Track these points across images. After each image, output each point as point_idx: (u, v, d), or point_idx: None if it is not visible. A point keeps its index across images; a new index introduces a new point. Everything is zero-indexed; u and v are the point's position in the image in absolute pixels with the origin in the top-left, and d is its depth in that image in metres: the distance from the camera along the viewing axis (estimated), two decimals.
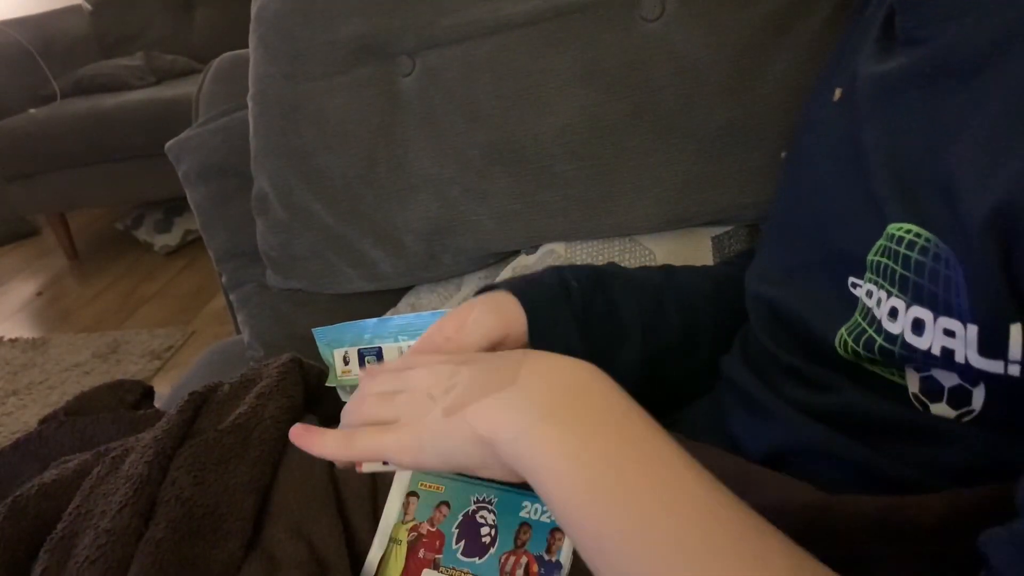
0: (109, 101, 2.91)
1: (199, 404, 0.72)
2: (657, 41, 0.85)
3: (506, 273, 0.96)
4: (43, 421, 0.92)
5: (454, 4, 0.93)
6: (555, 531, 0.57)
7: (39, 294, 2.98)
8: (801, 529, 0.38)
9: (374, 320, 0.78)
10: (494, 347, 0.60)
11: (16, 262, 3.27)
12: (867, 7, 0.62)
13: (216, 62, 1.24)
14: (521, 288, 0.65)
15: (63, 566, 0.58)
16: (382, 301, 1.05)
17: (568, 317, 0.65)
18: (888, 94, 0.50)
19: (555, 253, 0.90)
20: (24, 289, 3.03)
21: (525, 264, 0.92)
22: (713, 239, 0.86)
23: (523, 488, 0.57)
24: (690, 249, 0.85)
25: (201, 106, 1.21)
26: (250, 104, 1.06)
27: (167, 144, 1.17)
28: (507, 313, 0.63)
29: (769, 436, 0.55)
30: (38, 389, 2.25)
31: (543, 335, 0.63)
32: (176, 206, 3.15)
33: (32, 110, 2.94)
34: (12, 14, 3.35)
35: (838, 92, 0.57)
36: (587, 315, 0.66)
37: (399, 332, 0.76)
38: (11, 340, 2.60)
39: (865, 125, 0.51)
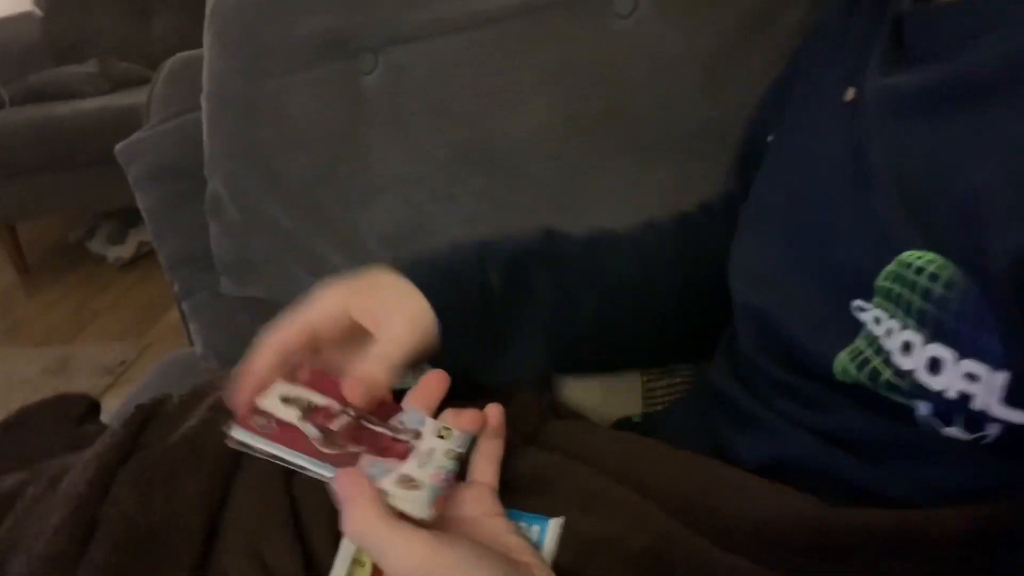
0: (61, 109, 2.83)
1: (146, 418, 0.67)
2: (631, 38, 0.82)
3: None
4: None
5: None
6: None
7: None
8: (806, 543, 0.35)
9: None
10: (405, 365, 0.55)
11: None
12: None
13: (169, 63, 1.19)
14: (437, 297, 0.56)
15: None
16: None
17: (476, 331, 0.59)
18: (897, 111, 0.47)
19: None
20: None
21: None
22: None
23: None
24: None
25: (153, 108, 1.16)
26: (204, 103, 1.01)
27: (117, 147, 1.12)
28: (425, 332, 0.55)
29: (761, 448, 0.52)
30: None
31: (447, 354, 0.57)
32: (130, 217, 3.05)
33: None
34: None
35: (851, 92, 0.53)
36: (501, 318, 0.61)
37: None
38: None
39: (871, 140, 0.48)
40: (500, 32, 0.86)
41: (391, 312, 0.54)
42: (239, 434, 0.47)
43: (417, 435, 0.50)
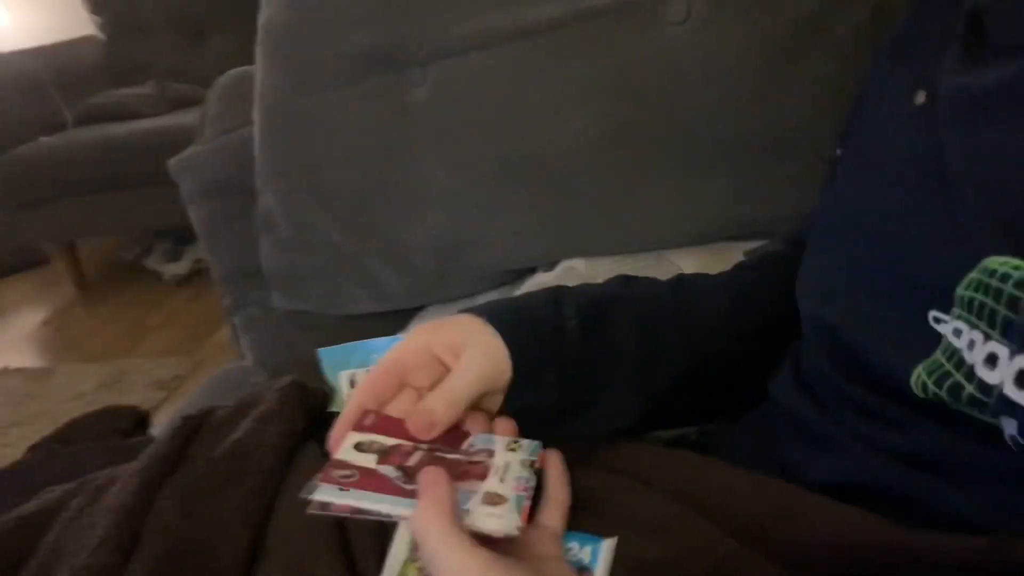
0: (119, 129, 2.89)
1: (192, 430, 0.67)
2: (684, 46, 0.80)
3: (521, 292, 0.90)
4: (31, 449, 0.87)
5: (469, 11, 0.89)
6: (582, 571, 0.51)
7: (46, 323, 2.94)
8: (884, 568, 0.32)
9: (385, 339, 0.72)
10: (472, 397, 0.54)
11: (24, 291, 3.23)
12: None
13: (222, 79, 1.20)
14: (511, 333, 0.55)
15: None
16: (392, 323, 1.00)
17: (554, 373, 0.57)
18: (980, 110, 0.44)
19: (575, 270, 0.85)
20: (31, 318, 2.99)
21: (541, 282, 0.87)
22: (745, 254, 0.80)
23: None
24: (721, 265, 0.79)
25: (206, 124, 1.17)
26: (256, 118, 1.02)
27: (170, 162, 1.13)
28: (497, 364, 0.54)
29: (831, 468, 0.49)
30: (41, 420, 2.20)
31: (522, 393, 0.55)
32: (186, 235, 3.10)
33: (42, 138, 2.93)
34: (27, 44, 3.36)
35: (922, 96, 0.50)
36: (579, 363, 0.58)
37: None
38: (16, 369, 2.56)
39: (950, 142, 0.45)
40: (549, 43, 0.85)
41: (467, 345, 0.54)
42: (321, 494, 0.46)
43: (490, 454, 0.50)
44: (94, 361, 2.57)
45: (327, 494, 0.45)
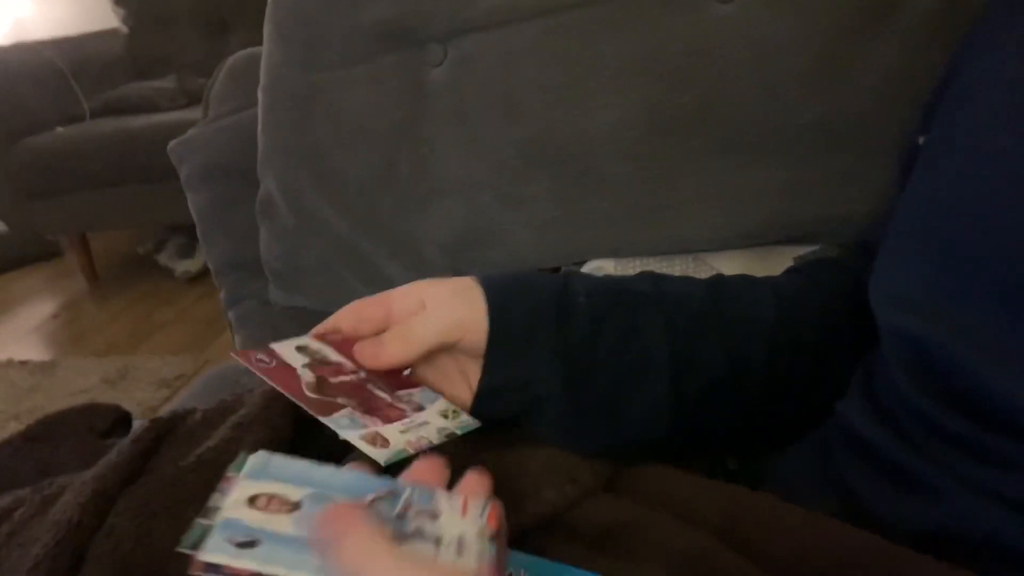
0: (137, 122, 2.85)
1: (161, 434, 0.59)
2: (732, 25, 0.72)
3: None
4: None
5: None
6: None
7: (55, 316, 2.89)
8: None
9: None
10: (438, 350, 0.50)
11: (36, 283, 3.19)
12: None
13: (231, 59, 1.13)
14: (496, 287, 0.50)
15: None
16: None
17: (550, 352, 0.49)
18: None
19: (603, 271, 0.76)
20: (41, 310, 2.94)
21: None
22: (796, 260, 0.71)
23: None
24: (766, 270, 0.71)
25: (211, 104, 1.10)
26: (260, 97, 0.94)
27: (170, 144, 1.06)
28: (468, 312, 0.49)
29: (921, 513, 0.41)
30: (40, 413, 2.14)
31: (502, 365, 0.49)
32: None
33: (59, 128, 2.88)
34: (50, 34, 3.33)
35: None
36: (589, 350, 0.50)
37: None
38: (21, 362, 2.50)
39: None
40: (580, 18, 0.76)
41: (441, 298, 0.50)
42: (212, 551, 0.36)
43: (419, 408, 0.48)
44: (100, 356, 2.51)
45: (218, 551, 0.35)
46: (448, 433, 0.47)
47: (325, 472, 0.40)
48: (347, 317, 0.51)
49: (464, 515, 0.40)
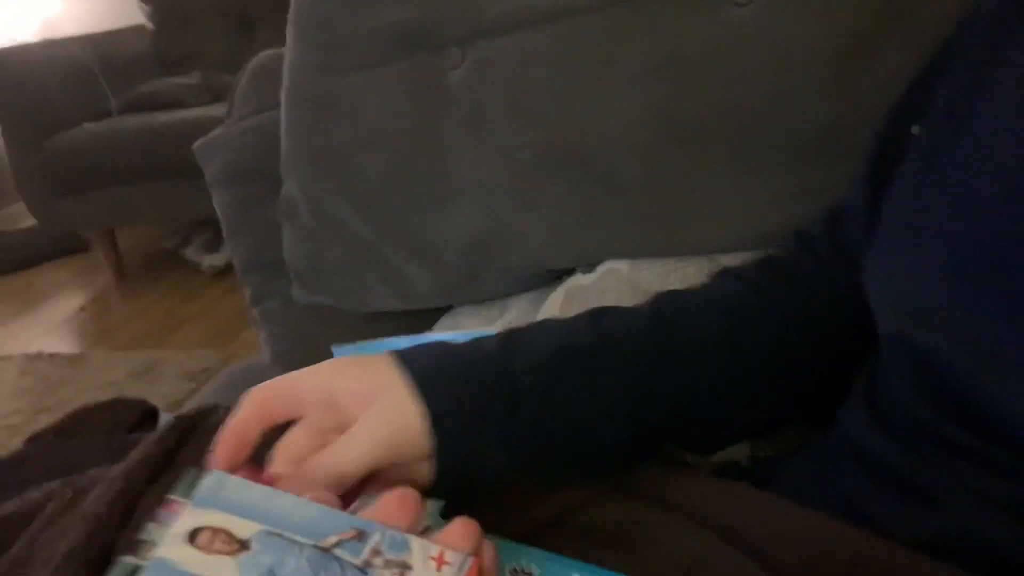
0: (163, 118, 2.88)
1: (186, 431, 0.60)
2: (748, 28, 0.72)
3: (557, 296, 0.83)
4: (30, 440, 0.82)
5: None
6: None
7: (82, 309, 2.94)
8: None
9: (404, 338, 0.66)
10: (364, 471, 0.42)
11: (64, 277, 3.24)
12: None
13: (255, 60, 1.15)
14: (434, 388, 0.44)
15: None
16: (417, 323, 0.94)
17: (498, 441, 0.45)
18: None
19: (617, 272, 0.77)
20: (69, 304, 3.00)
21: (580, 285, 0.80)
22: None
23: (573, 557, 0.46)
24: None
25: (235, 104, 1.12)
26: (283, 98, 0.96)
27: (195, 144, 1.08)
28: (403, 430, 0.43)
29: (927, 525, 0.41)
30: (69, 406, 2.17)
31: (455, 466, 0.44)
32: None
33: (87, 125, 2.93)
34: (77, 31, 3.37)
35: None
36: (537, 430, 0.46)
37: None
38: (50, 355, 2.55)
39: None
40: (597, 22, 0.77)
41: (370, 406, 0.43)
42: None
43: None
44: (127, 349, 2.55)
45: None
46: (427, 526, 0.39)
47: (286, 503, 0.35)
48: (256, 414, 0.45)
49: (439, 570, 0.35)
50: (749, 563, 0.42)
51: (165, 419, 0.82)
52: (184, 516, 0.34)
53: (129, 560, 0.33)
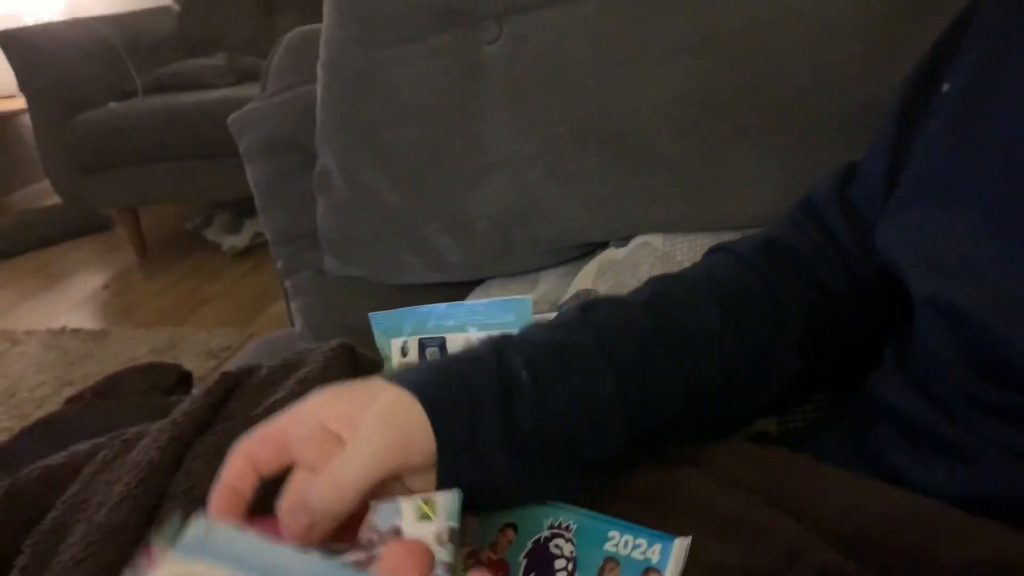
0: (187, 98, 2.90)
1: (230, 387, 0.62)
2: (786, 3, 0.73)
3: (590, 270, 0.84)
4: (69, 401, 0.84)
5: None
6: (649, 571, 0.45)
7: (105, 287, 2.97)
8: None
9: (442, 305, 0.67)
10: (370, 483, 0.40)
11: (87, 255, 3.27)
12: None
13: (288, 36, 1.16)
14: (431, 390, 0.42)
15: (46, 564, 0.48)
16: (449, 297, 0.94)
17: (499, 442, 0.43)
18: None
19: (650, 246, 0.78)
20: (92, 281, 3.02)
21: (613, 259, 0.80)
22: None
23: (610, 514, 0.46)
24: None
25: (270, 79, 1.13)
26: (319, 72, 0.97)
27: (230, 117, 1.09)
28: (406, 433, 0.41)
29: (961, 481, 0.41)
30: (93, 380, 2.20)
31: (459, 470, 0.42)
32: (246, 208, 3.11)
33: (112, 104, 2.95)
34: (103, 11, 3.40)
35: None
36: (540, 428, 0.44)
37: (469, 320, 0.65)
38: (73, 330, 2.58)
39: None
40: None
41: (367, 420, 0.40)
42: None
43: (397, 533, 0.36)
44: (149, 327, 2.58)
45: None
46: (449, 533, 0.38)
47: (280, 554, 0.30)
48: (245, 466, 0.41)
49: (427, 519, 0.35)
50: (788, 519, 0.42)
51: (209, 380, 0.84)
52: (165, 566, 0.29)
53: None
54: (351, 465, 0.39)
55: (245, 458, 0.41)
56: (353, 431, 0.40)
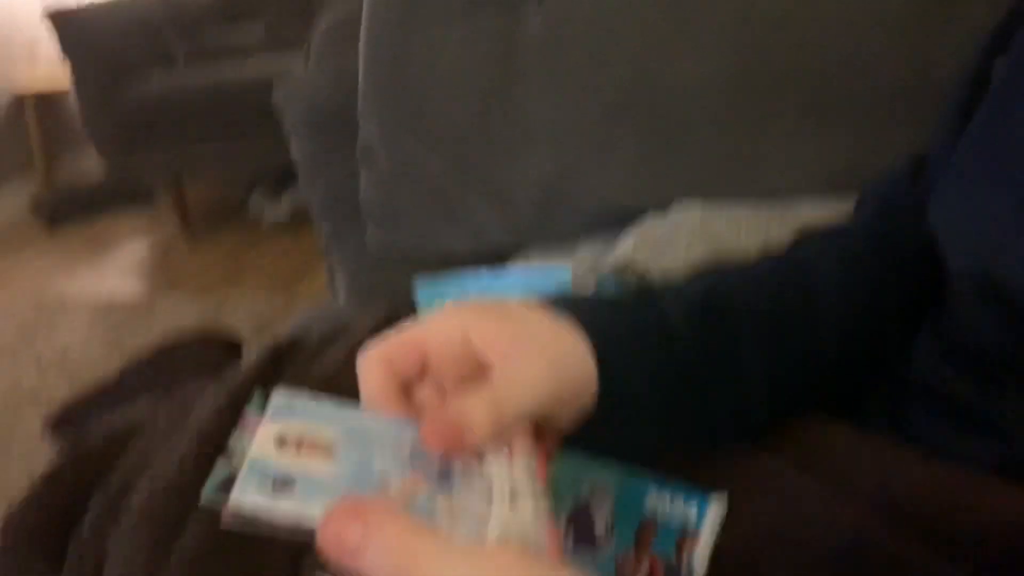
0: (229, 70, 2.93)
1: (282, 353, 0.64)
2: None
3: (628, 241, 0.85)
4: (124, 367, 0.87)
5: None
6: (687, 529, 0.46)
7: (150, 258, 3.03)
8: None
9: (487, 273, 0.69)
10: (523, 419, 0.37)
11: (132, 225, 3.33)
12: None
13: (332, 8, 1.17)
14: (602, 330, 0.40)
15: (114, 520, 0.51)
16: (489, 266, 0.96)
17: (656, 395, 0.42)
18: None
19: (688, 217, 0.79)
20: (137, 251, 3.09)
21: (651, 230, 0.81)
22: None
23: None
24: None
25: (314, 53, 1.15)
26: (361, 48, 0.98)
27: (275, 91, 1.11)
28: (570, 373, 0.38)
29: (993, 451, 0.42)
30: (142, 347, 2.26)
31: (616, 424, 0.40)
32: (287, 180, 3.15)
33: (156, 76, 2.99)
34: None
35: None
36: (690, 386, 0.43)
37: (513, 287, 0.66)
38: (121, 299, 2.64)
39: None
40: None
41: (524, 345, 0.37)
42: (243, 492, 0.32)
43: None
44: (194, 296, 2.63)
45: (251, 494, 0.31)
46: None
47: (358, 413, 0.35)
48: (383, 375, 0.38)
49: (510, 459, 0.35)
50: (820, 484, 0.43)
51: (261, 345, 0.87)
52: (265, 425, 0.33)
53: (225, 465, 0.33)
54: (515, 401, 0.36)
55: (381, 368, 0.38)
56: (503, 361, 0.37)
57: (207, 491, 0.32)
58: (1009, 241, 0.44)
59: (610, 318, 0.42)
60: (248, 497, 0.31)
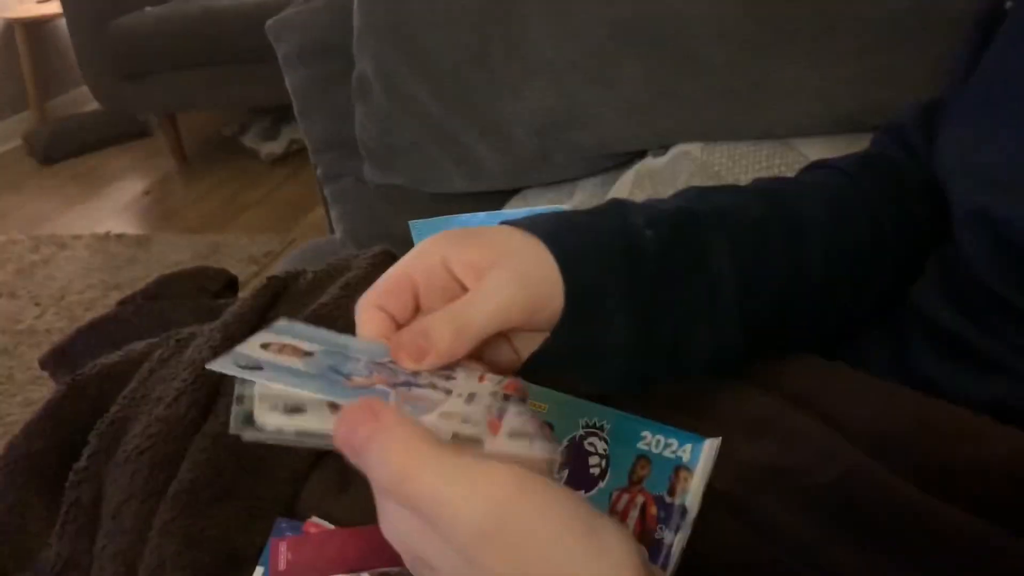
0: (223, 2, 2.88)
1: (277, 291, 0.64)
2: None
3: (627, 179, 0.84)
4: (121, 303, 0.87)
5: None
6: (680, 469, 0.47)
7: (146, 193, 3.01)
8: None
9: (482, 214, 0.68)
10: (490, 331, 0.39)
11: (127, 161, 3.31)
12: None
13: None
14: (563, 243, 0.41)
15: (111, 452, 0.51)
16: (486, 205, 0.95)
17: (623, 304, 0.42)
18: None
19: (689, 156, 0.78)
20: (133, 187, 3.07)
21: (651, 168, 0.81)
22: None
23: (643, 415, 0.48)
24: None
25: None
26: None
27: (268, 22, 1.09)
28: (537, 287, 0.40)
29: (984, 388, 0.43)
30: (139, 284, 2.26)
31: (578, 332, 0.41)
32: (284, 114, 3.11)
33: (148, 8, 2.93)
34: None
35: None
36: (658, 290, 0.43)
37: None
38: (117, 236, 2.64)
39: None
40: None
41: (494, 263, 0.39)
42: (223, 365, 0.34)
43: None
44: (191, 232, 2.63)
45: (226, 367, 0.33)
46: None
47: (344, 337, 0.38)
48: (378, 318, 0.39)
49: (480, 382, 0.37)
50: (816, 423, 0.43)
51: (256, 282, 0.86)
52: (259, 334, 0.37)
53: (242, 400, 0.34)
54: (477, 313, 0.38)
55: (378, 310, 0.39)
56: (478, 281, 0.39)
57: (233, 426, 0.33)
58: (1010, 180, 0.44)
59: (575, 229, 0.43)
60: (224, 367, 0.33)
